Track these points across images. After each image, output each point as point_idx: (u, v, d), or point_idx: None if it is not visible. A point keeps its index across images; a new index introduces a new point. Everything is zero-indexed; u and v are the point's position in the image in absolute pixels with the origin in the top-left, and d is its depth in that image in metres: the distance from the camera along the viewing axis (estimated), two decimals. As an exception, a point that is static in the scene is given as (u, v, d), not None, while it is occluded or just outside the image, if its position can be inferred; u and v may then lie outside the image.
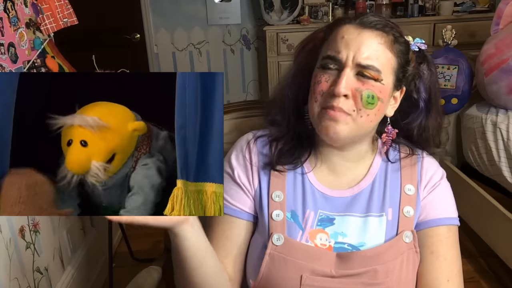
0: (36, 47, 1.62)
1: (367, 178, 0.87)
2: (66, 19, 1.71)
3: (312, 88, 0.80)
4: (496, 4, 2.71)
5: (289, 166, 0.86)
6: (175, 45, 3.69)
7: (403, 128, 0.88)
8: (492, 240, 1.96)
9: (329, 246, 0.83)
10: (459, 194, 2.44)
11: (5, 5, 1.41)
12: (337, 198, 0.86)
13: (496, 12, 2.13)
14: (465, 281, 0.86)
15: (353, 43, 0.76)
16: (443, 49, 2.26)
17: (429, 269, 0.83)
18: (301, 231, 0.83)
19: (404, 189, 0.85)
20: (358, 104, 0.76)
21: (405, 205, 0.84)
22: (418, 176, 0.86)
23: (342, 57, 0.76)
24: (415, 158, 0.88)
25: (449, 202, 0.88)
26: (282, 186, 0.85)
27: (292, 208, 0.85)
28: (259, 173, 0.87)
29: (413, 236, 0.83)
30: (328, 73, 0.78)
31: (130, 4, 3.50)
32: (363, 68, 0.76)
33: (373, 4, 3.36)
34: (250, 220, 0.88)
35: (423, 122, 0.86)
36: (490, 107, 2.08)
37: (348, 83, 0.75)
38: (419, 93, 0.84)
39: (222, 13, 3.63)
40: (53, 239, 1.73)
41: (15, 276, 1.42)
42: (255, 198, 0.87)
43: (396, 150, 0.89)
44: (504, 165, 1.93)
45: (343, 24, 0.80)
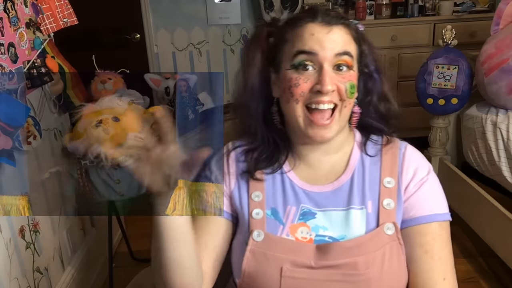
0: (36, 47, 1.62)
1: (346, 172, 0.88)
2: (66, 19, 1.71)
3: (288, 91, 0.81)
4: (496, 4, 2.71)
5: (268, 170, 0.89)
6: (175, 45, 3.68)
7: (368, 108, 0.89)
8: (492, 240, 1.96)
9: (310, 239, 0.84)
10: (459, 194, 2.46)
11: (5, 5, 1.41)
12: (318, 193, 0.87)
13: (496, 12, 2.13)
14: (465, 281, 0.87)
15: (326, 39, 0.79)
16: (443, 49, 2.26)
17: (424, 268, 0.83)
18: (282, 226, 0.86)
19: (383, 182, 0.86)
20: (342, 96, 0.80)
21: (384, 197, 0.85)
22: (398, 168, 0.87)
23: (317, 51, 0.79)
24: (396, 150, 0.89)
25: (439, 198, 0.88)
26: (261, 187, 0.88)
27: (272, 206, 0.87)
28: (237, 179, 0.90)
29: (395, 228, 0.83)
30: (304, 74, 0.80)
31: (130, 4, 3.50)
32: (341, 55, 0.79)
33: (373, 4, 3.36)
34: (228, 219, 0.90)
35: (380, 89, 0.90)
36: (490, 107, 2.08)
37: (331, 78, 0.78)
38: (369, 66, 0.88)
39: (222, 13, 3.63)
40: (53, 239, 1.73)
41: (15, 276, 1.42)
42: (232, 199, 0.90)
43: (377, 144, 0.90)
44: (504, 165, 1.93)
45: (305, 23, 0.81)
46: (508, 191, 1.99)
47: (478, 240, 2.10)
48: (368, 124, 0.91)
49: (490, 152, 1.99)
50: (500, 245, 1.90)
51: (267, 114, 0.89)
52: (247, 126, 0.90)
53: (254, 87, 0.88)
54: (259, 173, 0.89)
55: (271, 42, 0.88)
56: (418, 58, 2.94)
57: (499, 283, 1.99)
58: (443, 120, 2.36)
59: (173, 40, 3.67)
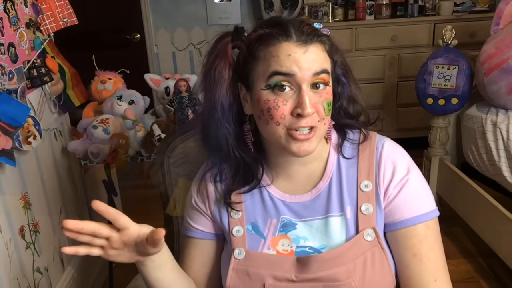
0: (36, 47, 1.62)
1: (324, 179, 0.86)
2: (66, 19, 1.71)
3: (267, 113, 0.77)
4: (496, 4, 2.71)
5: (245, 188, 0.87)
6: (175, 45, 3.69)
7: (340, 112, 0.88)
8: (492, 240, 1.96)
9: (291, 251, 0.84)
10: (459, 194, 2.46)
11: (5, 5, 1.41)
12: (296, 203, 0.86)
13: (496, 12, 2.13)
14: (465, 281, 0.86)
15: (304, 60, 0.76)
16: (443, 49, 2.26)
17: (415, 272, 0.82)
18: (263, 239, 0.85)
19: (360, 186, 0.84)
20: (321, 115, 0.77)
21: (362, 202, 0.83)
22: (375, 169, 0.85)
23: (295, 72, 0.75)
24: (373, 150, 0.86)
25: (422, 196, 0.85)
26: (239, 204, 0.88)
27: (252, 221, 0.87)
28: (216, 200, 0.90)
29: (375, 234, 0.82)
30: (282, 95, 0.76)
31: (130, 4, 3.50)
32: (318, 74, 0.76)
33: (373, 4, 3.36)
34: (214, 239, 0.93)
35: (349, 93, 0.88)
36: (490, 107, 2.08)
37: (310, 100, 0.76)
38: (336, 71, 0.85)
39: (222, 13, 3.63)
40: (53, 239, 1.73)
41: (15, 276, 1.42)
42: (214, 220, 0.91)
43: (353, 143, 0.88)
44: (504, 165, 1.93)
45: (279, 42, 0.77)
46: (508, 191, 1.99)
47: (478, 240, 2.10)
48: (342, 123, 0.88)
49: (490, 152, 1.99)
50: (500, 245, 1.90)
51: (239, 133, 0.85)
52: (217, 146, 0.86)
53: (224, 105, 0.83)
54: (235, 194, 0.88)
55: (239, 57, 0.83)
56: (418, 58, 2.94)
57: (499, 283, 1.99)
58: (443, 120, 2.36)
59: (173, 40, 3.68)
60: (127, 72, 2.02)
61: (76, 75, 1.92)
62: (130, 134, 1.76)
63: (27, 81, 1.53)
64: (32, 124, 1.51)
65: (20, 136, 1.44)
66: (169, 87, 1.86)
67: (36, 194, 1.61)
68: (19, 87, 1.45)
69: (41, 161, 1.67)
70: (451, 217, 2.24)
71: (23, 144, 1.46)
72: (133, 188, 2.86)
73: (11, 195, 1.44)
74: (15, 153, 1.41)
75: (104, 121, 1.76)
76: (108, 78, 1.95)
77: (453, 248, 2.23)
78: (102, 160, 1.74)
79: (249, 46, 0.80)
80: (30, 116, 1.50)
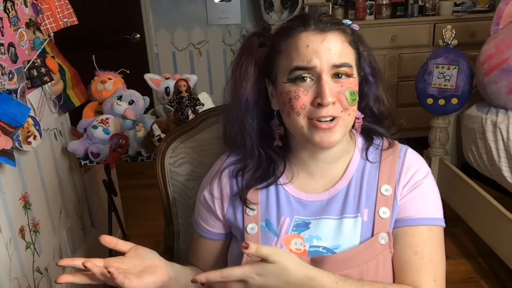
0: (36, 47, 1.62)
1: (343, 179, 0.86)
2: (66, 19, 1.71)
3: (288, 104, 0.79)
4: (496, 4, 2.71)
5: (263, 184, 0.87)
6: (175, 45, 3.69)
7: (366, 111, 0.88)
8: (492, 240, 1.96)
9: (304, 250, 0.83)
10: (459, 194, 2.45)
11: (5, 5, 1.41)
12: (313, 202, 0.86)
13: (496, 12, 2.13)
14: (465, 281, 0.86)
15: (322, 48, 0.77)
16: (443, 49, 2.26)
17: (415, 268, 0.82)
18: (276, 237, 0.85)
19: (380, 190, 0.84)
20: (344, 105, 0.78)
21: (381, 206, 0.83)
22: (397, 175, 0.85)
23: (315, 64, 0.76)
24: (396, 156, 0.87)
25: (432, 202, 0.86)
26: (255, 200, 0.88)
27: (266, 218, 0.87)
28: (231, 199, 0.90)
29: (388, 238, 0.82)
30: (303, 85, 0.78)
31: (130, 4, 3.50)
32: (338, 67, 0.77)
33: (373, 4, 3.36)
34: (220, 239, 0.94)
35: (376, 93, 0.88)
36: (490, 107, 2.08)
37: (331, 89, 0.76)
38: (365, 69, 0.86)
39: (222, 13, 3.63)
40: (53, 239, 1.73)
41: (15, 276, 1.42)
42: (224, 218, 0.91)
43: (378, 148, 0.89)
44: (504, 165, 1.93)
45: (298, 32, 0.79)
46: (508, 191, 1.99)
47: (478, 240, 2.10)
48: (368, 128, 0.89)
49: (490, 152, 1.99)
50: (500, 245, 1.90)
51: (263, 129, 0.87)
52: (241, 141, 0.87)
53: (249, 101, 0.85)
54: (252, 190, 0.88)
55: (264, 53, 0.85)
56: (418, 58, 2.94)
57: (499, 283, 1.99)
58: (443, 120, 2.36)
59: (173, 40, 3.68)
60: (127, 72, 2.02)
61: (76, 75, 1.92)
62: (130, 134, 1.76)
63: (27, 81, 1.54)
64: (32, 124, 1.51)
65: (20, 136, 1.44)
66: (169, 87, 1.86)
67: (36, 194, 1.61)
68: (19, 87, 1.45)
69: (41, 161, 1.67)
70: (451, 217, 2.22)
71: (23, 144, 1.46)
72: (133, 188, 2.85)
73: (11, 195, 1.45)
74: (15, 153, 1.41)
75: (104, 121, 1.76)
76: (108, 78, 1.95)
77: (453, 248, 2.23)
78: (102, 160, 1.74)
79: (271, 40, 0.83)
80: (30, 116, 1.50)
